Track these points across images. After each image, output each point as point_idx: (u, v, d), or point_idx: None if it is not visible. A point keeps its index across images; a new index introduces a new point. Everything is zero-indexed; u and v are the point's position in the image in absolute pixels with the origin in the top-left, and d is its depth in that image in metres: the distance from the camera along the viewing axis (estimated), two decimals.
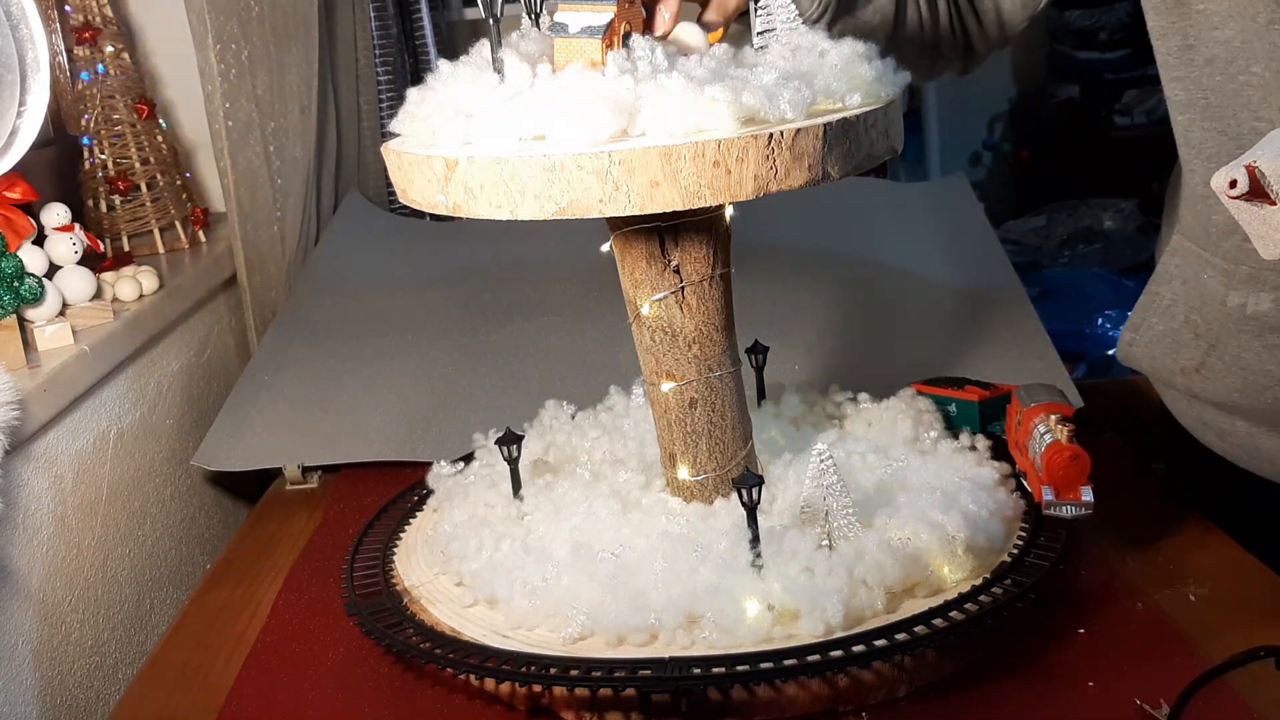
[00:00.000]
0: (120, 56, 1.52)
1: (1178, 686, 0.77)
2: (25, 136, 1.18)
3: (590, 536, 0.91)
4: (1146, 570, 0.95)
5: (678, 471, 0.95)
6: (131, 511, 1.27)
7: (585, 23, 0.80)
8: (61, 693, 1.10)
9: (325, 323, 1.53)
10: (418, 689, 0.89)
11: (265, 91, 1.57)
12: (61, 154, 1.53)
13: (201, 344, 1.52)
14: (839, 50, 0.83)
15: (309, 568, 1.10)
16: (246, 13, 1.54)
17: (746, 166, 0.75)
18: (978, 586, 0.86)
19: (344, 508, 1.22)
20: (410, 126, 0.87)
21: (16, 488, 1.07)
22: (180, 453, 1.39)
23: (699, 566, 0.86)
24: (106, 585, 1.21)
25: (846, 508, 0.88)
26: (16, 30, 1.17)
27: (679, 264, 0.89)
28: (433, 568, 0.99)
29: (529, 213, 0.77)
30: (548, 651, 0.84)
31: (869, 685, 0.82)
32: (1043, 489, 0.90)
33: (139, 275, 1.36)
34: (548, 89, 0.79)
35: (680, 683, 0.80)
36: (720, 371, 0.93)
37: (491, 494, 1.03)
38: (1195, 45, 0.94)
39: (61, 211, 1.27)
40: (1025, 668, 0.85)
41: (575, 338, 1.44)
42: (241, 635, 1.01)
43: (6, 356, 1.12)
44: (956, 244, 1.61)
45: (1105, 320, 1.91)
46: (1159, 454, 1.20)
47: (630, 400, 1.12)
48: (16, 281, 1.13)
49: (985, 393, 1.10)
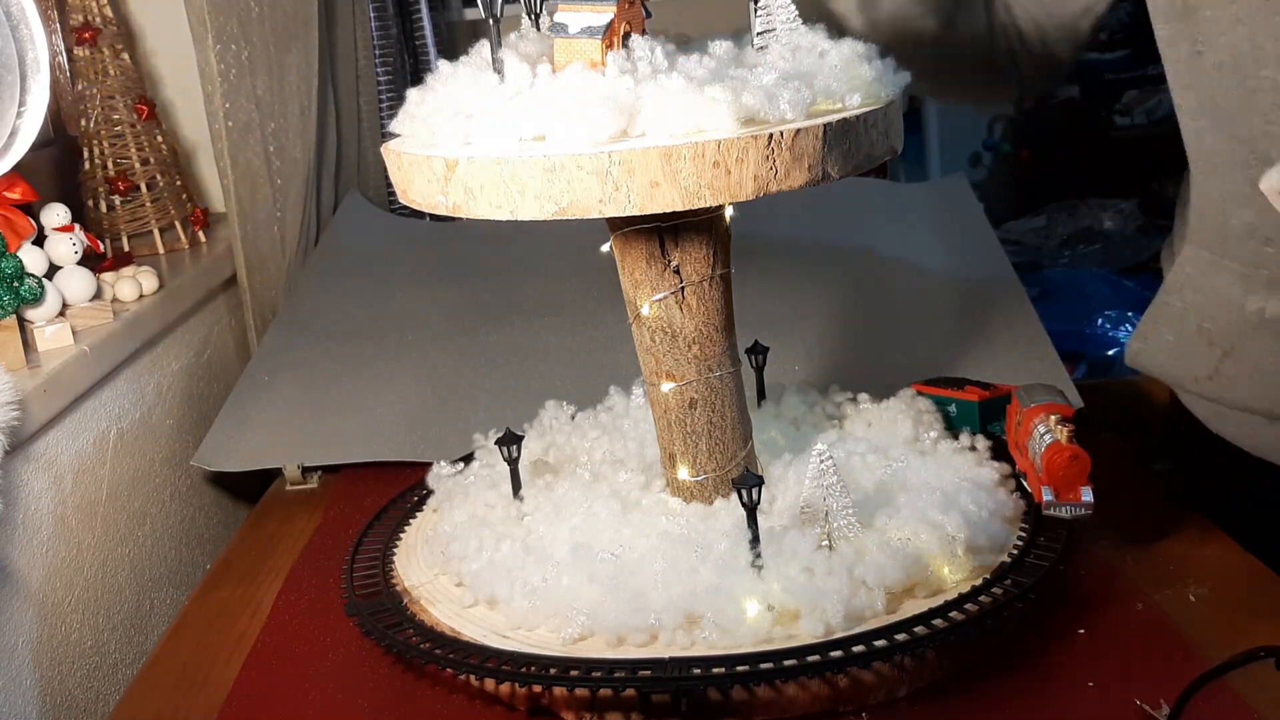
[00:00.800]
0: (120, 56, 1.52)
1: (1178, 687, 0.77)
2: (25, 136, 1.18)
3: (590, 537, 0.91)
4: (1146, 570, 0.95)
5: (678, 472, 0.95)
6: (131, 512, 1.27)
7: (585, 23, 0.80)
8: (61, 693, 1.10)
9: (325, 323, 1.53)
10: (418, 689, 0.89)
11: (265, 91, 1.57)
12: (61, 154, 1.53)
13: (201, 344, 1.52)
14: (839, 50, 0.83)
15: (309, 568, 1.10)
16: (246, 13, 1.54)
17: (746, 167, 0.75)
18: (978, 587, 0.86)
19: (344, 508, 1.22)
20: (410, 127, 0.87)
21: (16, 488, 1.07)
22: (180, 453, 1.39)
23: (699, 567, 0.86)
24: (106, 585, 1.21)
25: (846, 508, 0.88)
26: (16, 30, 1.17)
27: (679, 264, 0.89)
28: (433, 568, 0.99)
29: (529, 213, 0.77)
30: (548, 652, 0.84)
31: (869, 685, 0.82)
32: (1043, 489, 0.90)
33: (139, 275, 1.35)
34: (548, 89, 0.79)
35: (680, 683, 0.80)
36: (720, 372, 0.93)
37: (491, 494, 1.03)
38: (1204, 51, 0.93)
39: (61, 211, 1.27)
40: (1025, 668, 0.85)
41: (575, 338, 1.44)
42: (241, 635, 1.01)
43: (6, 357, 1.12)
44: (956, 244, 1.61)
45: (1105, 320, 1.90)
46: (1158, 454, 1.20)
47: (630, 400, 1.12)
48: (16, 282, 1.13)
49: (985, 393, 1.10)
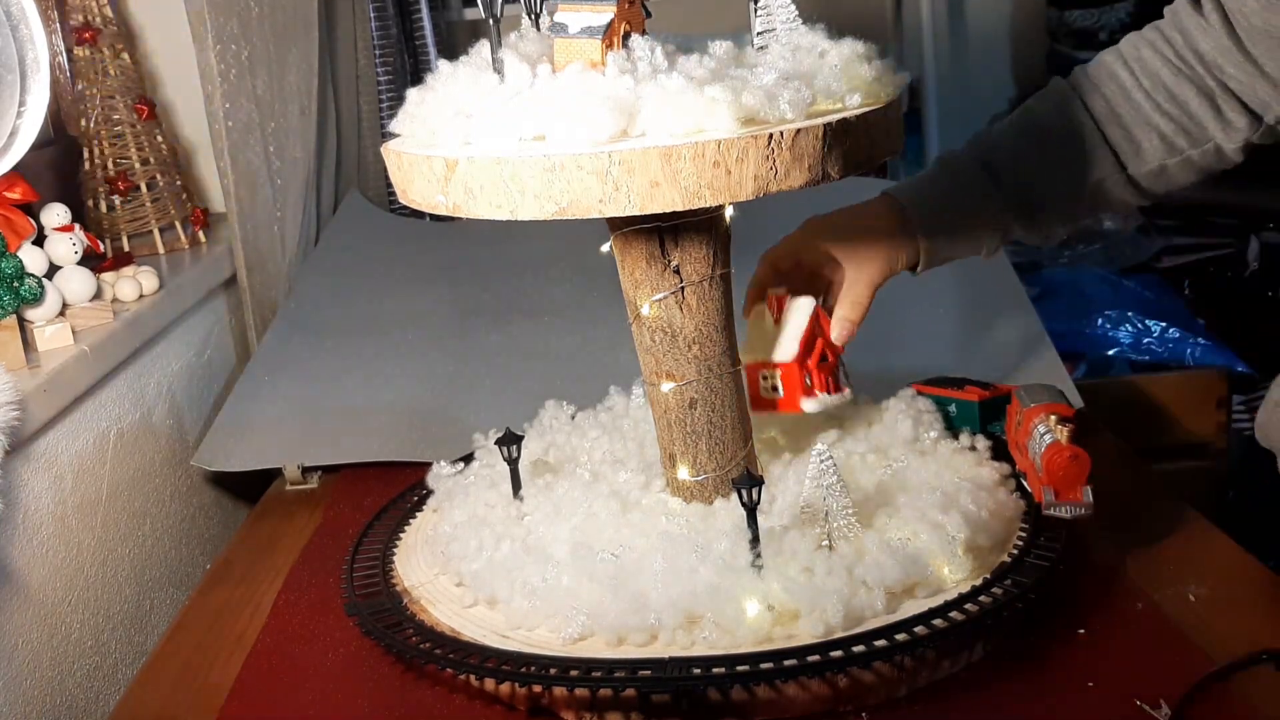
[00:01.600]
0: (120, 56, 1.52)
1: (1178, 687, 0.77)
2: (25, 136, 1.18)
3: (590, 537, 0.91)
4: (1146, 570, 0.95)
5: (678, 472, 0.95)
6: (131, 511, 1.27)
7: (585, 23, 0.80)
8: (61, 693, 1.10)
9: (325, 323, 1.53)
10: (418, 689, 0.89)
11: (265, 91, 1.57)
12: (61, 154, 1.53)
13: (201, 344, 1.52)
14: (839, 50, 0.83)
15: (309, 568, 1.10)
16: (246, 13, 1.54)
17: (746, 167, 0.75)
18: (978, 587, 0.86)
19: (344, 508, 1.22)
20: (410, 127, 0.87)
21: (16, 488, 1.07)
22: (180, 453, 1.39)
23: (699, 566, 0.86)
24: (106, 585, 1.21)
25: (846, 508, 0.88)
26: (16, 30, 1.17)
27: (679, 264, 0.89)
28: (433, 568, 0.99)
29: (529, 213, 0.77)
30: (548, 652, 0.84)
31: (869, 685, 0.82)
32: (1043, 489, 0.90)
33: (139, 275, 1.35)
34: (548, 89, 0.79)
35: (680, 683, 0.80)
36: (720, 371, 0.93)
37: (491, 494, 1.03)
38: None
39: (61, 211, 1.27)
40: (1025, 668, 0.84)
41: (575, 338, 1.44)
42: (241, 635, 1.01)
43: (6, 356, 1.12)
44: None
45: (1105, 320, 1.89)
46: (1155, 455, 1.19)
47: (630, 400, 1.12)
48: (16, 282, 1.13)
49: (985, 393, 1.10)
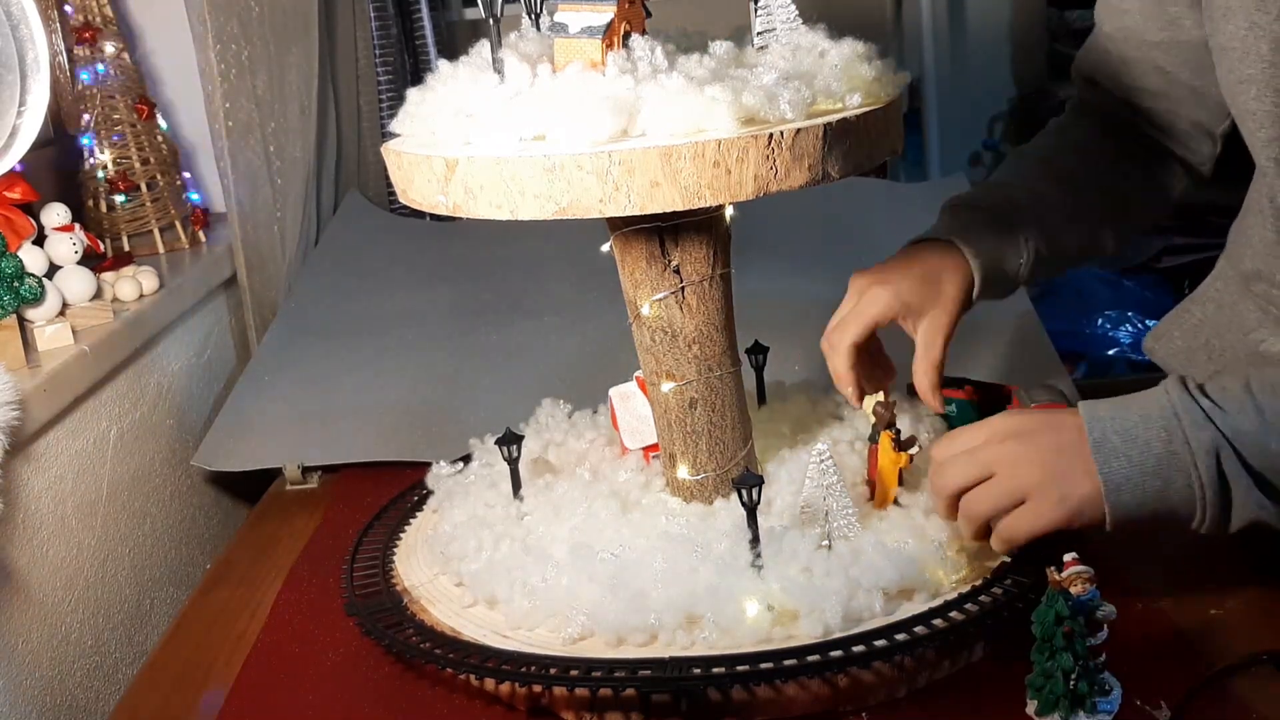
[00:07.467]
0: (120, 56, 1.52)
1: (1178, 687, 0.77)
2: (25, 136, 1.18)
3: (590, 536, 0.91)
4: (1147, 571, 0.95)
5: (678, 471, 0.95)
6: (131, 511, 1.27)
7: (585, 23, 0.80)
8: (61, 693, 1.10)
9: (325, 323, 1.53)
10: (418, 689, 0.89)
11: (265, 91, 1.57)
12: (61, 154, 1.53)
13: (201, 344, 1.52)
14: (839, 50, 0.83)
15: (309, 568, 1.10)
16: (246, 13, 1.54)
17: (746, 166, 0.75)
18: (977, 587, 0.86)
19: (344, 508, 1.22)
20: (410, 126, 0.87)
21: (16, 488, 1.07)
22: (180, 453, 1.39)
23: (699, 566, 0.86)
24: (106, 585, 1.21)
25: (846, 508, 0.88)
26: (16, 30, 1.17)
27: (679, 264, 0.89)
28: (433, 568, 0.99)
29: (529, 213, 0.77)
30: (548, 651, 0.84)
31: (869, 685, 0.82)
32: None
33: (139, 275, 1.36)
34: (548, 89, 0.79)
35: (680, 683, 0.80)
36: (720, 371, 0.93)
37: (491, 494, 1.03)
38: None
39: (61, 211, 1.27)
40: (1025, 668, 0.84)
41: (575, 338, 1.44)
42: (241, 635, 1.01)
43: (6, 356, 1.12)
44: None
45: (1105, 320, 1.90)
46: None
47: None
48: (16, 281, 1.13)
49: (985, 393, 1.10)
